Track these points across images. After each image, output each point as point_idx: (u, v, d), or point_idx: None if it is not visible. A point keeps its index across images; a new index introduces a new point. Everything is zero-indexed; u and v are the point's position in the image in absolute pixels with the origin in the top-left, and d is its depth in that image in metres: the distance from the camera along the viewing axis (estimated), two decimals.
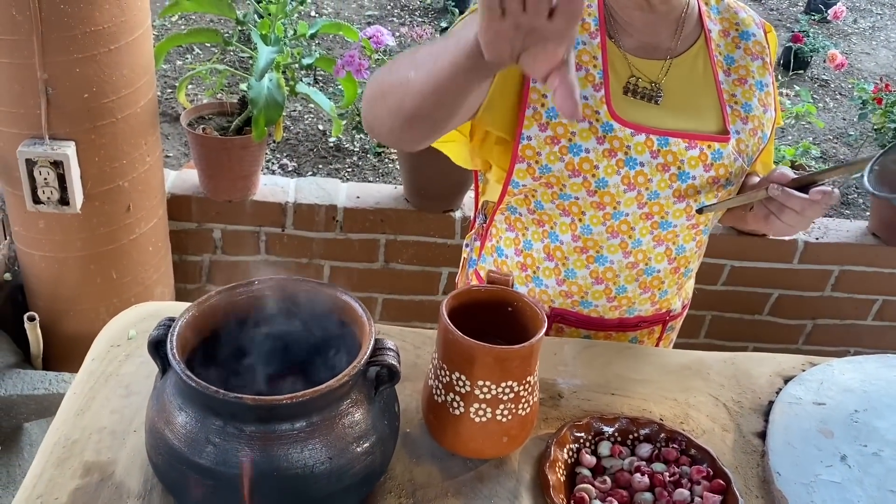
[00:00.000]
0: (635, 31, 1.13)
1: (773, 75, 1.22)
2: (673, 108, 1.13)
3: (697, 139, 1.12)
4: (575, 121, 1.04)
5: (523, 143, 1.10)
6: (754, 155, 1.19)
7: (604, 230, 1.14)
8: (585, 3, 1.11)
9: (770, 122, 1.21)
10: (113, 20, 1.60)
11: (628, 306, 1.23)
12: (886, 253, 2.45)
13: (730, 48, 1.18)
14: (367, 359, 0.81)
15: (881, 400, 1.12)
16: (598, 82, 1.10)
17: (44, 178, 1.64)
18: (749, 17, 1.21)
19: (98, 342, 1.05)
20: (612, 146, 1.09)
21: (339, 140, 3.51)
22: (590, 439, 1.02)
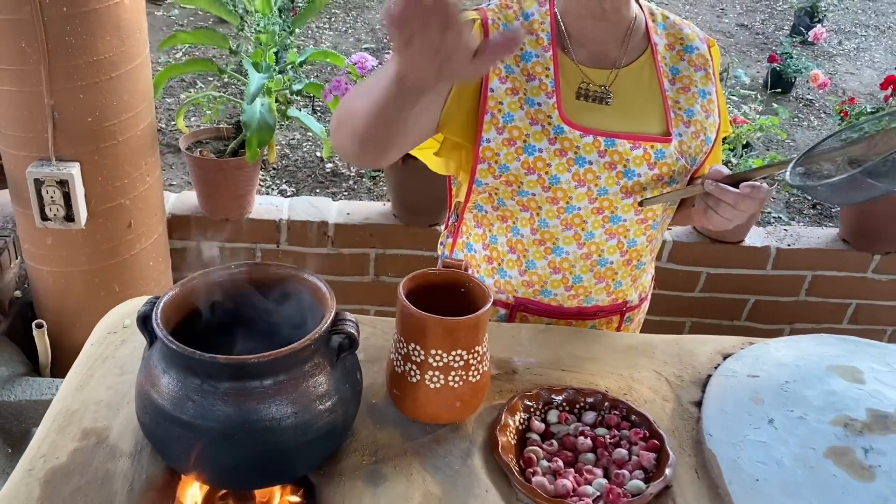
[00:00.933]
0: (587, 41, 1.25)
1: (716, 85, 1.34)
2: (620, 112, 1.25)
3: (641, 140, 1.23)
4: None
5: (483, 145, 1.22)
6: (697, 156, 1.30)
7: (559, 223, 1.26)
8: (539, 20, 1.25)
9: (713, 127, 1.32)
10: (114, 50, 1.74)
11: (585, 295, 1.34)
12: (856, 258, 2.55)
13: (675, 60, 1.30)
14: (328, 327, 0.92)
15: (811, 372, 1.22)
16: (550, 90, 1.22)
17: (51, 196, 1.77)
18: (693, 32, 1.33)
19: (96, 330, 1.17)
20: (562, 146, 1.21)
21: (335, 166, 3.65)
22: (539, 408, 1.12)
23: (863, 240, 2.53)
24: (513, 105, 1.21)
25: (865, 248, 2.53)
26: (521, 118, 1.20)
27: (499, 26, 1.23)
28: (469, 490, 0.97)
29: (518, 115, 1.21)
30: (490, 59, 0.85)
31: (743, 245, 2.51)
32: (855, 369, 1.24)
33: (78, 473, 0.93)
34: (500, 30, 1.23)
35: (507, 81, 1.21)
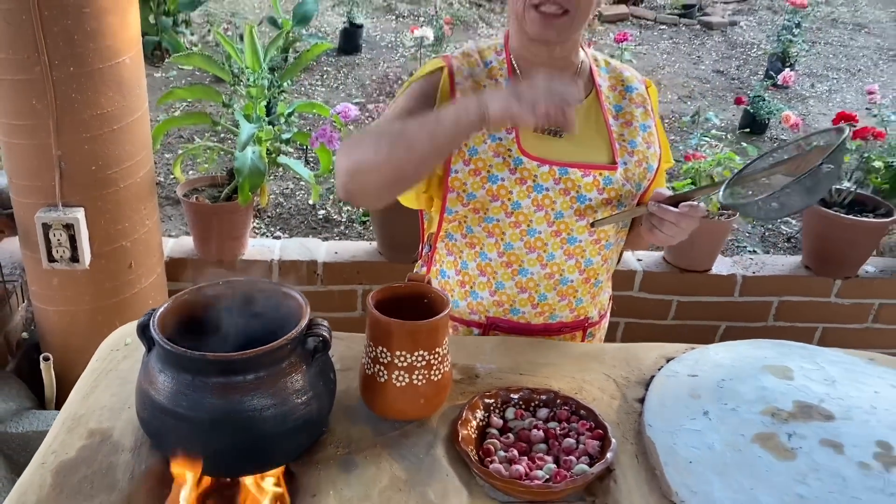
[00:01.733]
0: None
1: (655, 120, 1.50)
2: (572, 144, 1.40)
3: (591, 168, 1.39)
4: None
5: (452, 175, 1.38)
6: (641, 181, 1.46)
7: (522, 245, 1.41)
8: (497, 67, 1.42)
9: (655, 156, 1.48)
10: (115, 105, 1.92)
11: (550, 313, 1.48)
12: (819, 283, 2.69)
13: (617, 99, 1.47)
14: (303, 330, 1.06)
15: (746, 371, 1.35)
16: (510, 127, 1.38)
17: (57, 239, 1.92)
18: (632, 75, 1.50)
19: (101, 348, 1.30)
20: (522, 175, 1.36)
21: (327, 212, 3.82)
22: (498, 406, 1.25)
23: (824, 266, 2.67)
24: (477, 140, 1.37)
25: (827, 274, 2.68)
26: (485, 151, 1.36)
27: (462, 72, 1.40)
28: (431, 474, 1.09)
29: (482, 148, 1.36)
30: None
31: (710, 273, 2.65)
32: (786, 368, 1.37)
33: (85, 465, 1.05)
34: (464, 74, 1.40)
35: None
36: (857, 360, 1.44)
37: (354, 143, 1.26)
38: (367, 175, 1.22)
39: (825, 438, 1.19)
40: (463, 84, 1.39)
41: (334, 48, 5.98)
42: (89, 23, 1.80)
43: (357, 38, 5.99)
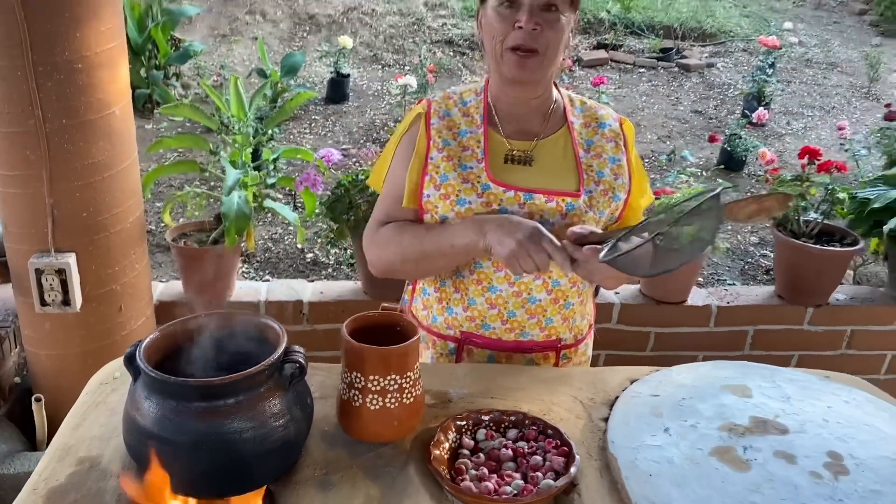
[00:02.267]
0: (513, 119, 1.54)
1: (628, 155, 1.58)
2: (540, 172, 1.51)
3: (555, 195, 1.48)
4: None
5: (425, 199, 1.49)
6: (605, 209, 1.53)
7: (490, 264, 1.50)
8: (474, 105, 1.54)
9: (622, 188, 1.56)
10: (105, 154, 2.01)
11: (520, 330, 1.55)
12: (792, 311, 2.77)
13: (590, 135, 1.57)
14: (280, 357, 1.13)
15: (706, 390, 1.42)
16: (480, 157, 1.50)
17: (49, 283, 1.99)
18: (607, 113, 1.61)
19: (90, 383, 1.37)
20: (488, 199, 1.47)
21: (315, 255, 3.90)
22: (469, 427, 1.31)
23: (796, 294, 2.76)
24: (447, 168, 1.49)
25: (799, 302, 2.76)
26: (455, 178, 1.48)
27: (440, 113, 1.53)
28: (405, 493, 1.15)
29: (451, 175, 1.48)
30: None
31: (686, 305, 2.73)
32: (745, 387, 1.44)
33: (74, 490, 1.11)
34: (441, 115, 1.53)
35: (444, 151, 1.50)
36: (812, 379, 1.51)
37: (382, 242, 1.54)
38: (397, 273, 1.59)
39: (779, 450, 1.26)
40: (438, 124, 1.52)
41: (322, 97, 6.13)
42: (81, 77, 1.90)
43: (344, 87, 6.14)
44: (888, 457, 1.26)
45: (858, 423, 1.35)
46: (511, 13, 1.41)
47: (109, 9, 1.94)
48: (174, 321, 1.20)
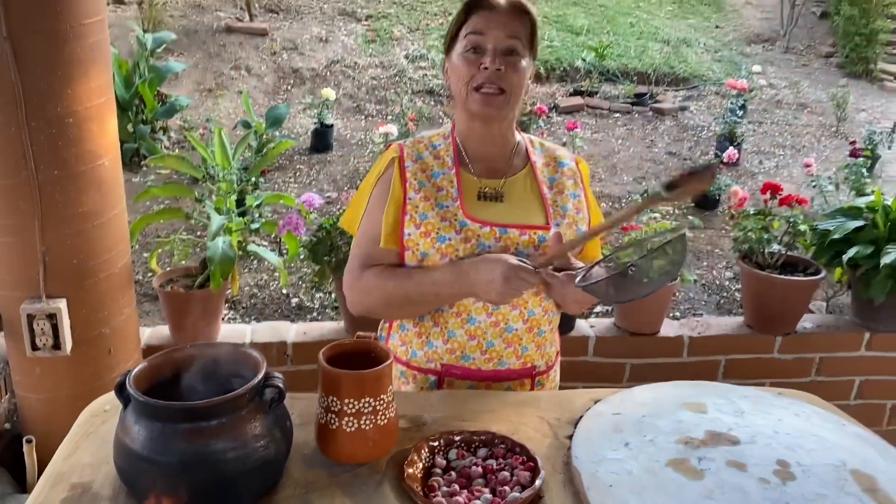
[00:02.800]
0: (481, 159, 1.66)
1: (585, 191, 1.72)
2: (511, 208, 1.63)
3: (527, 228, 1.60)
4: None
5: (406, 237, 1.59)
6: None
7: (470, 297, 1.58)
8: (444, 148, 1.65)
9: (583, 221, 1.68)
10: (95, 203, 2.11)
11: (498, 360, 1.64)
12: (762, 341, 2.87)
13: (551, 172, 1.70)
14: (261, 381, 1.21)
15: (665, 408, 1.51)
16: (454, 196, 1.60)
17: (41, 328, 2.07)
18: (564, 154, 1.75)
19: (83, 414, 1.44)
20: (466, 235, 1.57)
21: (300, 300, 3.98)
22: (442, 448, 1.39)
23: (764, 324, 2.86)
24: (426, 207, 1.59)
25: (768, 331, 2.86)
26: (433, 216, 1.58)
27: (413, 157, 1.64)
28: None
29: (430, 214, 1.58)
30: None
31: (658, 336, 2.82)
32: (701, 404, 1.53)
33: None
34: (414, 158, 1.63)
35: (420, 192, 1.60)
36: (766, 395, 1.61)
37: (366, 290, 1.62)
38: (377, 315, 1.69)
39: (731, 460, 1.34)
40: (412, 167, 1.63)
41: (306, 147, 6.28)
42: (72, 130, 2.01)
43: (328, 137, 6.29)
44: (832, 463, 1.35)
45: (806, 433, 1.44)
46: (477, 57, 1.55)
47: (99, 66, 2.06)
48: (161, 352, 1.28)
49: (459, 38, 1.60)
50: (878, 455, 1.41)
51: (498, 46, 1.55)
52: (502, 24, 1.56)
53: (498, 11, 1.57)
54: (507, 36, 1.56)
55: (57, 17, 1.91)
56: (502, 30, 1.56)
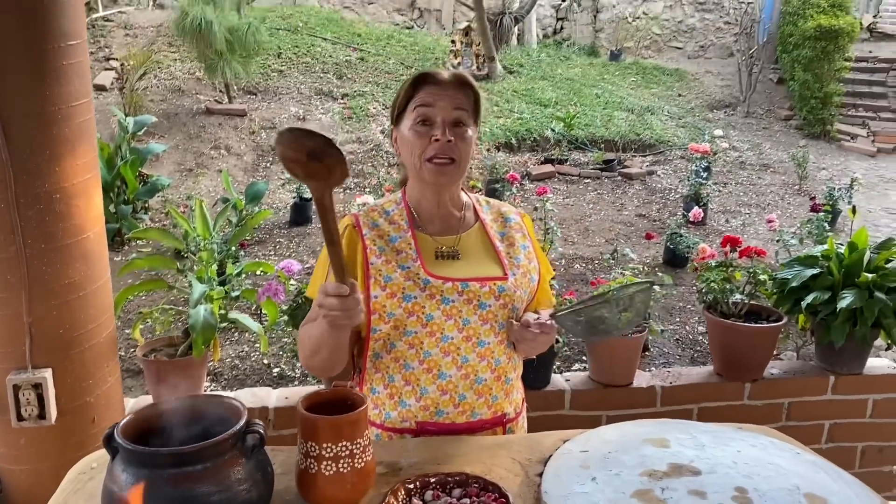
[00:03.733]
0: (434, 220, 1.76)
1: (533, 242, 1.83)
2: (468, 264, 1.72)
3: (487, 280, 1.69)
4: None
5: (373, 301, 1.65)
6: (527, 289, 1.75)
7: (438, 351, 1.66)
8: (398, 213, 1.74)
9: (535, 270, 1.79)
10: (80, 274, 2.19)
11: (471, 411, 1.71)
12: (731, 388, 2.96)
13: (500, 227, 1.81)
14: (242, 427, 1.28)
15: (629, 444, 1.59)
16: (414, 257, 1.68)
17: (26, 398, 2.12)
18: (509, 210, 1.86)
19: (70, 473, 1.49)
20: (431, 292, 1.65)
21: (281, 370, 4.02)
22: (418, 490, 1.45)
23: (732, 371, 2.95)
24: (389, 270, 1.66)
25: (736, 378, 2.95)
26: (397, 278, 1.65)
27: (369, 224, 1.72)
28: None
29: (394, 275, 1.66)
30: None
31: (632, 387, 2.90)
32: (664, 439, 1.61)
33: None
34: (370, 226, 1.72)
35: (382, 256, 1.68)
36: (726, 429, 1.69)
37: (299, 342, 1.70)
38: (316, 370, 1.71)
39: (692, 489, 1.42)
40: (370, 234, 1.71)
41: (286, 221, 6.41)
42: (59, 206, 2.11)
43: (307, 210, 6.44)
44: (786, 488, 1.43)
45: (763, 462, 1.53)
46: (427, 129, 1.65)
47: (85, 145, 2.17)
48: (146, 405, 1.35)
49: (408, 111, 1.69)
50: (830, 479, 1.49)
51: (446, 118, 1.65)
52: (449, 97, 1.66)
53: (444, 86, 1.67)
54: (454, 108, 1.66)
55: (46, 100, 2.03)
56: (449, 102, 1.66)
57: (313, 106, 8.74)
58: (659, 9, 13.42)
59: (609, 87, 10.35)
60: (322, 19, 11.05)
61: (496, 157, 7.29)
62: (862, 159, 8.91)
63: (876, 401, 3.04)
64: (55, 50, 2.03)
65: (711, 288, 3.02)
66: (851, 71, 10.53)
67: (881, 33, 13.05)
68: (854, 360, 2.97)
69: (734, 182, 7.78)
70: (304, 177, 1.29)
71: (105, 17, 9.77)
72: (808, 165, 7.87)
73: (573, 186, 7.36)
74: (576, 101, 9.54)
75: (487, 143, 8.11)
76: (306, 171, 1.27)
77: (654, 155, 8.40)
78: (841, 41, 9.62)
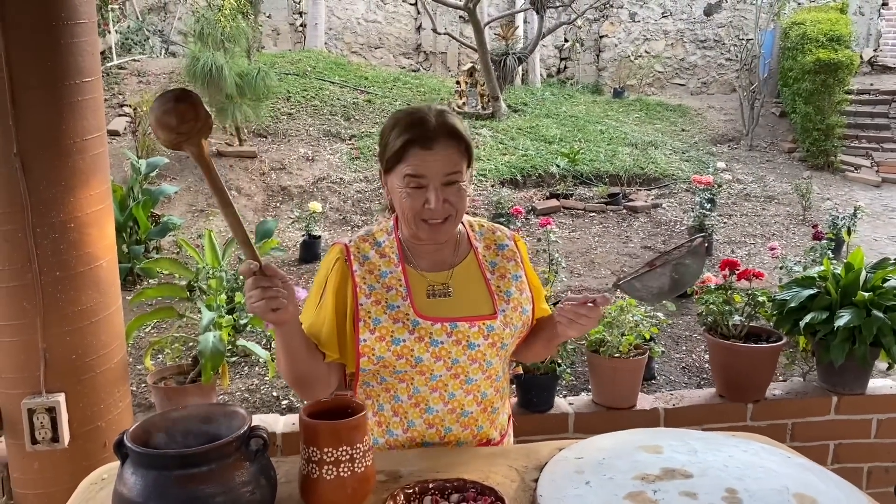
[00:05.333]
0: (426, 255, 1.74)
1: (525, 268, 1.82)
2: (459, 302, 1.72)
3: (476, 320, 1.70)
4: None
5: (361, 344, 1.66)
6: (518, 323, 1.75)
7: (427, 389, 1.69)
8: (388, 245, 1.73)
9: (527, 300, 1.78)
10: (93, 301, 2.26)
11: (456, 441, 1.74)
12: (734, 409, 2.98)
13: (492, 256, 1.80)
14: (246, 432, 1.34)
15: (624, 451, 1.63)
16: (404, 295, 1.68)
17: (40, 422, 2.18)
18: (502, 234, 1.85)
19: (81, 484, 1.55)
20: (420, 334, 1.66)
21: (290, 402, 4.06)
22: (417, 495, 1.50)
23: (734, 392, 2.98)
24: (378, 312, 1.66)
25: (739, 399, 2.98)
26: (386, 320, 1.65)
27: (360, 258, 1.71)
28: None
29: (383, 318, 1.65)
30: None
31: (635, 409, 2.93)
32: (658, 446, 1.65)
33: None
34: (361, 261, 1.71)
35: (371, 296, 1.66)
36: (718, 436, 1.73)
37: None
38: (293, 384, 1.72)
39: (683, 490, 1.46)
40: (360, 270, 1.69)
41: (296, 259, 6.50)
42: (73, 234, 2.20)
43: (316, 248, 6.53)
44: (776, 489, 1.47)
45: (754, 465, 1.57)
46: (419, 192, 1.61)
47: (98, 176, 2.27)
48: (154, 414, 1.41)
49: (398, 172, 1.63)
50: (819, 480, 1.53)
51: (439, 183, 1.60)
52: (440, 163, 1.60)
53: (434, 149, 1.60)
54: (446, 173, 1.61)
55: (62, 133, 2.14)
56: (441, 168, 1.60)
57: (322, 147, 8.91)
58: (661, 47, 13.64)
59: (613, 123, 10.50)
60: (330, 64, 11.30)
61: (501, 192, 7.39)
62: (866, 189, 8.96)
63: (880, 420, 3.05)
64: (71, 86, 2.14)
65: (711, 310, 3.06)
66: (854, 103, 10.64)
67: (882, 66, 13.21)
68: (856, 380, 2.99)
69: (739, 213, 7.84)
70: (176, 133, 1.35)
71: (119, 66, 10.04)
72: (813, 196, 7.92)
73: (578, 220, 7.44)
74: (580, 137, 9.67)
75: (492, 179, 8.22)
76: (178, 119, 1.33)
77: (659, 188, 8.48)
78: (840, 74, 9.73)
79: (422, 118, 1.63)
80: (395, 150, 1.62)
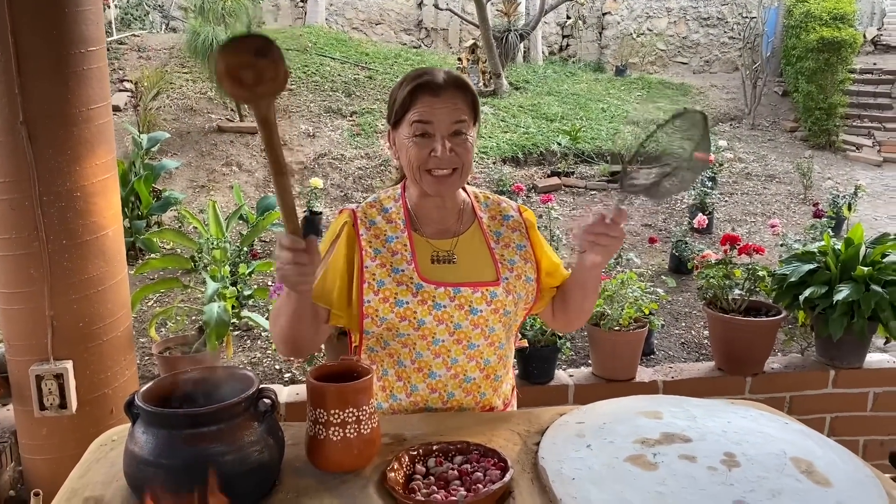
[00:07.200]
0: (432, 221, 1.77)
1: (531, 238, 1.83)
2: (463, 268, 1.74)
3: (478, 286, 1.72)
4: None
5: (365, 305, 1.68)
6: (522, 291, 1.77)
7: (430, 354, 1.71)
8: (395, 211, 1.76)
9: (532, 269, 1.79)
10: (99, 269, 2.29)
11: (458, 407, 1.76)
12: (732, 382, 3.02)
13: (497, 227, 1.82)
14: (254, 393, 1.37)
15: (624, 416, 1.66)
16: (409, 259, 1.70)
17: (48, 388, 2.21)
18: (508, 205, 1.86)
19: (93, 444, 1.58)
20: (423, 297, 1.68)
21: (293, 374, 4.10)
22: (421, 456, 1.53)
23: (732, 365, 3.01)
24: (382, 274, 1.69)
25: (737, 372, 3.01)
26: (390, 282, 1.68)
27: (366, 223, 1.73)
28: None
29: (387, 280, 1.68)
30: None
31: (634, 381, 2.96)
32: (658, 412, 1.68)
33: None
34: (367, 225, 1.73)
35: (377, 259, 1.70)
36: (718, 403, 1.76)
37: (271, 319, 1.70)
38: (272, 330, 1.68)
39: (683, 454, 1.49)
40: (366, 234, 1.71)
41: None
42: (79, 203, 2.21)
43: (317, 223, 6.54)
44: (774, 453, 1.50)
45: (752, 431, 1.60)
46: (426, 142, 1.63)
47: (104, 146, 2.28)
48: (164, 375, 1.44)
49: (406, 121, 1.65)
50: (816, 445, 1.55)
51: (446, 132, 1.63)
52: (447, 110, 1.63)
53: (441, 96, 1.63)
54: (453, 121, 1.63)
55: (68, 102, 2.14)
56: (448, 115, 1.63)
57: (323, 123, 8.89)
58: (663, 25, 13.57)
59: (615, 101, 10.47)
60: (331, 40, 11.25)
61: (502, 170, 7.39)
62: (868, 169, 8.96)
63: (877, 394, 3.09)
64: (76, 55, 2.15)
65: (711, 284, 3.09)
66: (856, 83, 10.61)
67: (885, 45, 13.13)
68: (853, 353, 3.02)
69: (740, 192, 7.85)
70: (249, 90, 1.20)
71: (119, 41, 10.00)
72: (814, 175, 7.93)
73: (580, 198, 7.45)
74: (582, 115, 9.65)
75: (494, 156, 8.21)
76: (255, 77, 1.18)
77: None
78: (843, 53, 9.69)
79: (430, 70, 1.69)
80: (403, 98, 1.66)
